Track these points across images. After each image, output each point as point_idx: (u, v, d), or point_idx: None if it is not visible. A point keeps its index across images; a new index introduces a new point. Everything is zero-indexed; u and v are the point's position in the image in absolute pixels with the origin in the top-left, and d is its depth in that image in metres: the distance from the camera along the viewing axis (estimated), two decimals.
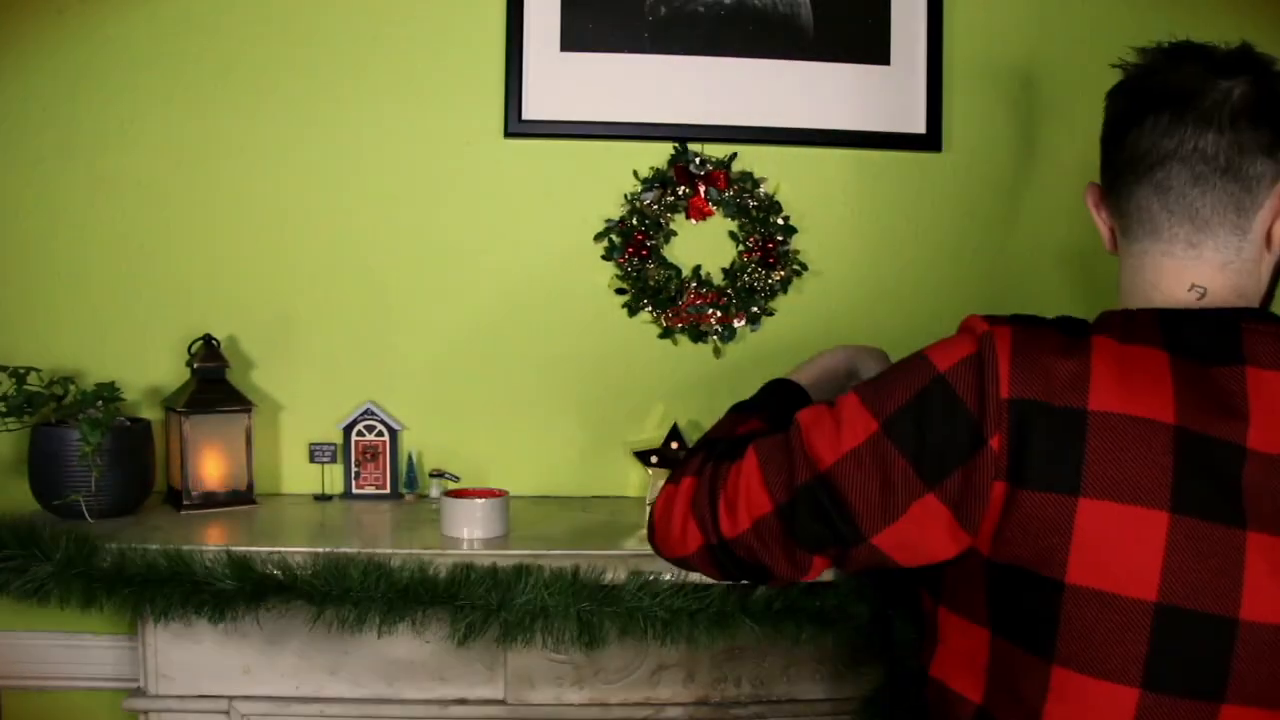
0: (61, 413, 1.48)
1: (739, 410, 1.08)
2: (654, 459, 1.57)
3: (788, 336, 1.73)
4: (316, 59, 1.63)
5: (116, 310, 1.62)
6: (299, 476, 1.65)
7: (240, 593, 1.30)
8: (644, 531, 1.30)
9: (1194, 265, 0.89)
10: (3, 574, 1.29)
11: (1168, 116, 0.89)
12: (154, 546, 1.31)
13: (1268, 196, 0.88)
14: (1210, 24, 1.81)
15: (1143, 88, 0.93)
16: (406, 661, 1.45)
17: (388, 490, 1.62)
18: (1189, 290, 0.89)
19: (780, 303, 1.72)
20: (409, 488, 1.63)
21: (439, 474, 1.60)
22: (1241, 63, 0.91)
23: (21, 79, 1.59)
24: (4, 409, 1.45)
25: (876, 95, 1.72)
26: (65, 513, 1.44)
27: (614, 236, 1.68)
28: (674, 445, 1.57)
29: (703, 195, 1.68)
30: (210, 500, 1.53)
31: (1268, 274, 0.92)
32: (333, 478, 1.64)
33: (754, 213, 1.69)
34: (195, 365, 1.55)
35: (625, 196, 1.68)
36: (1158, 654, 0.77)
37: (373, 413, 1.61)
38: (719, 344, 1.71)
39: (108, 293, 1.62)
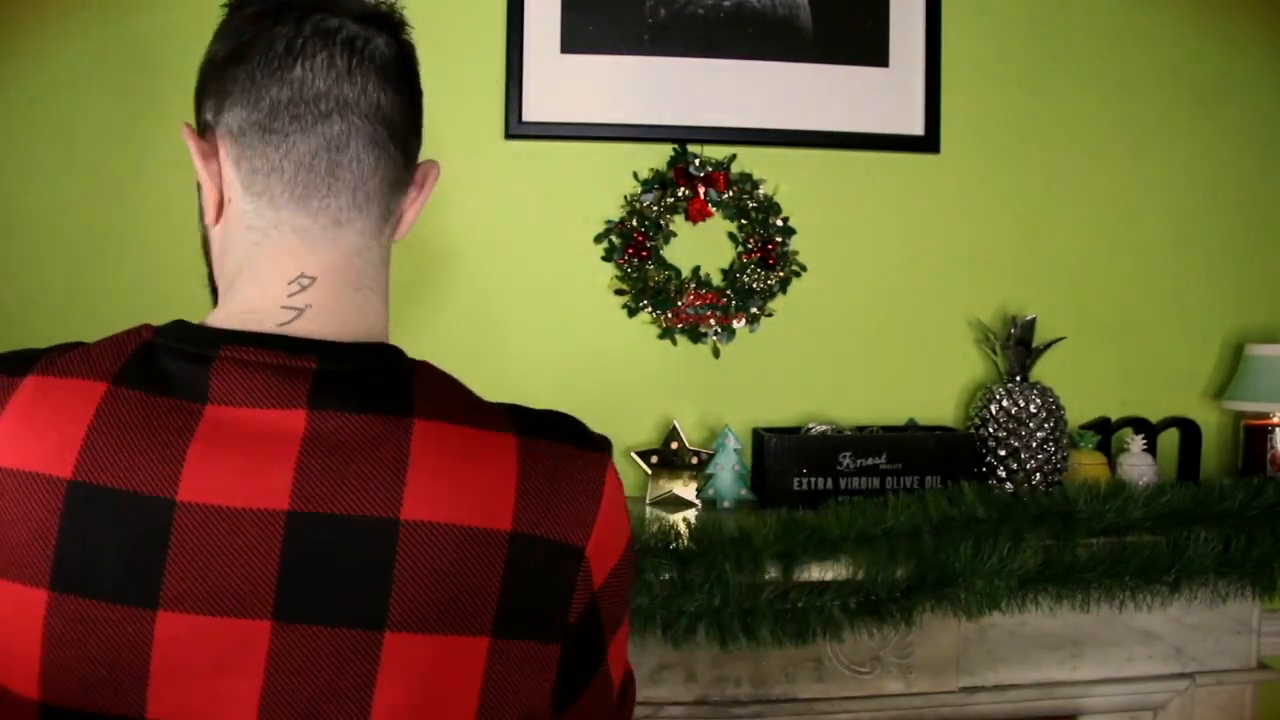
0: None
1: None
2: (654, 459, 1.57)
3: (786, 337, 1.73)
4: None
5: (120, 312, 1.62)
6: None
7: None
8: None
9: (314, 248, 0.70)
10: None
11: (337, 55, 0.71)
12: None
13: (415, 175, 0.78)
14: (1207, 23, 1.83)
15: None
16: None
17: None
18: (290, 283, 0.70)
19: (779, 303, 1.72)
20: None
21: None
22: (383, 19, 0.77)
23: (23, 81, 1.59)
24: None
25: (875, 97, 1.73)
26: None
27: (614, 238, 1.69)
28: (674, 445, 1.57)
29: (702, 196, 1.69)
30: None
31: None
32: None
33: (753, 214, 1.70)
34: None
35: (625, 198, 1.69)
36: None
37: None
38: (718, 344, 1.72)
39: (111, 294, 1.62)
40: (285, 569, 0.60)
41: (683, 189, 1.68)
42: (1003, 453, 1.62)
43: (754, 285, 1.70)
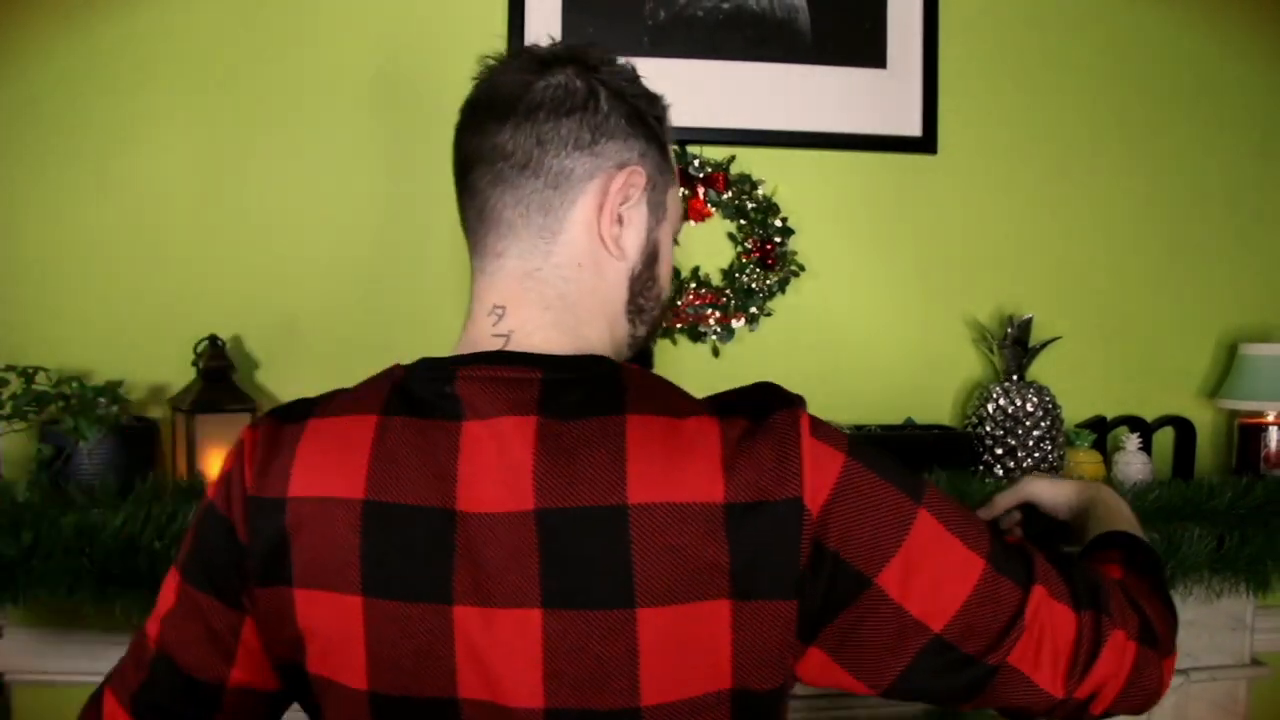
0: (69, 412, 1.50)
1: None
2: None
3: (785, 337, 1.75)
4: (318, 61, 1.65)
5: (123, 311, 1.64)
6: None
7: None
8: None
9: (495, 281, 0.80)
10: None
11: (481, 117, 0.83)
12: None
13: (581, 193, 0.79)
14: (1202, 24, 1.84)
15: (471, 98, 0.86)
16: None
17: None
18: (489, 314, 0.80)
19: (778, 303, 1.74)
20: None
21: None
22: (561, 58, 0.82)
23: (29, 81, 1.60)
24: (11, 409, 1.47)
25: (873, 98, 1.74)
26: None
27: None
28: None
29: (702, 197, 1.70)
30: None
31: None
32: None
33: (752, 214, 1.71)
34: (201, 365, 1.56)
35: None
36: None
37: None
38: (718, 344, 1.73)
39: (114, 293, 1.63)
40: (544, 562, 0.69)
41: (682, 189, 1.69)
42: (1000, 451, 1.63)
43: (753, 285, 1.71)
